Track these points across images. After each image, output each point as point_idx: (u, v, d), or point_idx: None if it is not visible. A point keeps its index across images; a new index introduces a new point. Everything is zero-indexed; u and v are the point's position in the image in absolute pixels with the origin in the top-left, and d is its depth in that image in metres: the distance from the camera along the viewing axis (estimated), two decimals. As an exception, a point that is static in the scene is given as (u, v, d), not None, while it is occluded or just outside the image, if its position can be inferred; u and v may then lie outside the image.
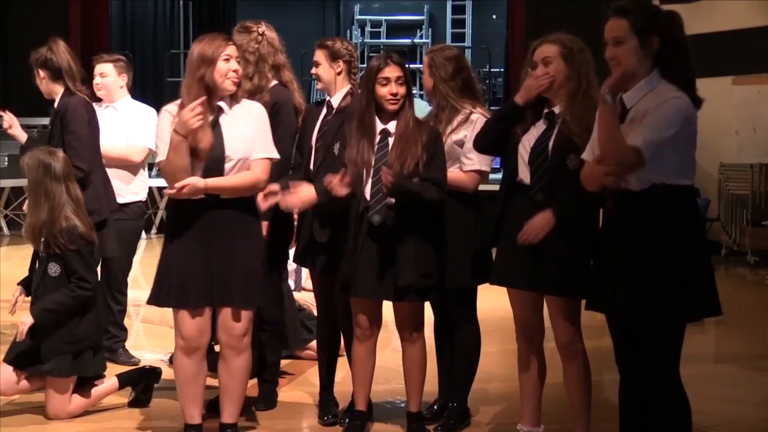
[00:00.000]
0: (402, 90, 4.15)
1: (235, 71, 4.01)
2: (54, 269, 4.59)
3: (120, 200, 5.67)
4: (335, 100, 4.57)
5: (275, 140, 4.16)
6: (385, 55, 4.22)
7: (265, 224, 4.40)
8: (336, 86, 4.58)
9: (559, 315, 3.89)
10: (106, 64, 5.86)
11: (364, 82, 4.21)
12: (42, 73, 5.21)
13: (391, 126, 4.18)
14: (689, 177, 3.39)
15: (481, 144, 4.10)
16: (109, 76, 5.83)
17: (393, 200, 4.10)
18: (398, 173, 4.06)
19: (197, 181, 3.92)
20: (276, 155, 4.11)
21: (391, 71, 4.14)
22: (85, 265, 4.58)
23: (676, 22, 3.43)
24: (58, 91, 5.20)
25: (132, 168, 5.84)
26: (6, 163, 11.97)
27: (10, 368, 4.61)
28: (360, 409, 4.37)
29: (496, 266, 4.06)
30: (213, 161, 3.97)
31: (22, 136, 5.42)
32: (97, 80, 5.83)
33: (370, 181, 4.13)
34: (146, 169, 6.02)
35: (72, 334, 4.58)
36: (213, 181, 3.95)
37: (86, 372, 4.69)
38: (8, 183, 11.48)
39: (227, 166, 3.98)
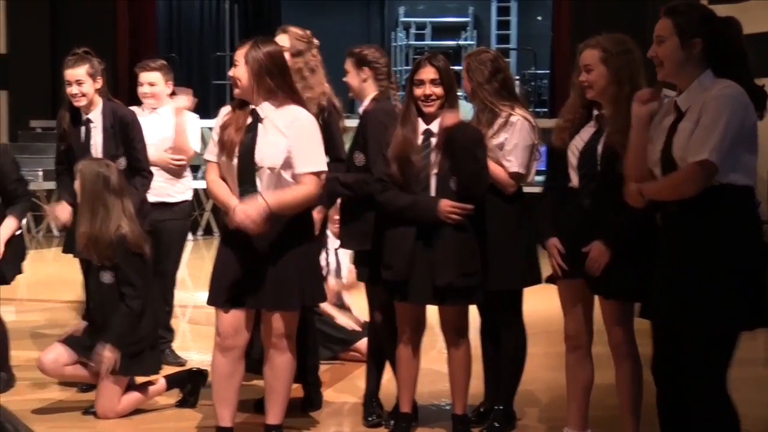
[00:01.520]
0: (437, 91, 4.13)
1: (231, 76, 4.06)
2: (107, 277, 4.66)
3: (168, 200, 5.74)
4: (362, 108, 4.58)
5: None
6: (425, 56, 4.22)
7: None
8: (364, 93, 4.58)
9: (613, 316, 3.86)
10: (153, 72, 5.82)
11: (407, 84, 4.23)
12: (101, 81, 5.21)
13: (435, 126, 4.18)
14: (746, 174, 3.29)
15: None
16: (158, 84, 5.84)
17: None
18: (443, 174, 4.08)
19: (259, 205, 3.91)
20: (323, 167, 4.09)
21: (425, 73, 4.13)
22: (135, 274, 4.64)
23: (733, 26, 3.40)
24: (98, 101, 5.22)
25: (178, 169, 5.89)
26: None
27: (61, 348, 4.68)
28: (405, 411, 4.37)
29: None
30: (244, 164, 4.00)
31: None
32: (146, 89, 5.79)
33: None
34: (190, 170, 6.06)
35: (136, 336, 4.65)
36: (274, 201, 3.94)
37: (141, 372, 4.75)
38: (50, 185, 11.63)
39: (257, 174, 4.01)
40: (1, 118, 12.66)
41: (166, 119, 5.88)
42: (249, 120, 4.05)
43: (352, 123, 5.11)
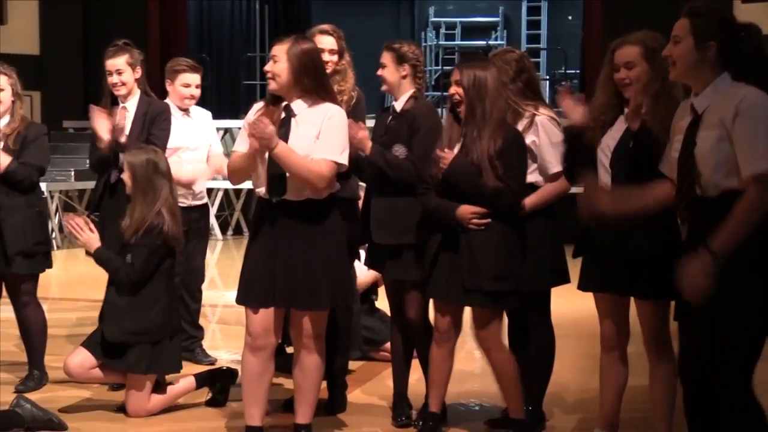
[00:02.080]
0: (461, 91, 4.15)
1: (268, 71, 4.06)
2: (130, 258, 4.70)
3: (199, 202, 5.84)
4: (399, 104, 4.56)
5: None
6: (462, 59, 4.25)
7: None
8: (401, 89, 4.57)
9: (649, 317, 3.83)
10: (195, 74, 5.85)
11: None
12: (141, 71, 5.27)
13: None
14: None
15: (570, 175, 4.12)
16: (199, 86, 5.90)
17: None
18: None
19: (273, 135, 3.93)
20: (342, 160, 4.08)
21: (453, 74, 4.18)
22: (144, 260, 4.66)
23: (752, 32, 3.37)
24: (136, 92, 5.30)
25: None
26: (87, 165, 12.24)
27: (86, 352, 4.71)
28: (434, 411, 4.36)
29: (586, 272, 4.00)
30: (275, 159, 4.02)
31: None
32: (191, 91, 5.80)
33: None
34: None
35: (138, 325, 4.66)
36: (284, 146, 3.96)
37: (163, 370, 4.77)
38: (89, 185, 11.71)
39: None
40: (34, 118, 12.75)
41: (199, 121, 5.90)
42: (282, 116, 4.07)
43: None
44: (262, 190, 4.08)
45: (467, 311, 4.29)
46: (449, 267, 4.14)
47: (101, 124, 5.09)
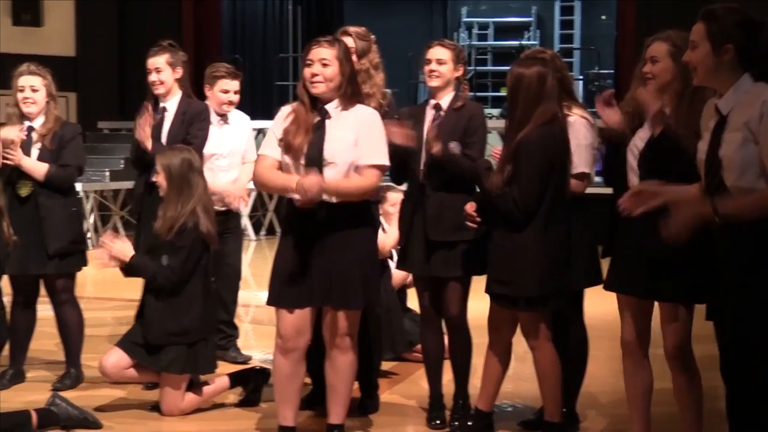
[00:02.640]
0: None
1: (315, 75, 4.05)
2: (165, 260, 4.73)
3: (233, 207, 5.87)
4: (444, 102, 4.56)
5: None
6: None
7: None
8: (447, 88, 4.57)
9: (672, 321, 3.80)
10: (234, 81, 5.85)
11: None
12: (181, 72, 5.31)
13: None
14: None
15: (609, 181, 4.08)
16: (237, 92, 5.89)
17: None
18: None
19: (318, 178, 3.92)
20: (386, 161, 4.11)
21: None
22: (182, 260, 4.68)
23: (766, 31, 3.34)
24: (176, 92, 5.34)
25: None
26: (122, 165, 12.33)
27: (121, 352, 4.74)
28: (483, 410, 4.35)
29: (611, 272, 3.98)
30: (311, 162, 4.02)
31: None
32: (230, 97, 5.82)
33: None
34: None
35: (179, 326, 4.69)
36: (332, 183, 3.96)
37: (198, 371, 4.80)
38: (124, 185, 11.80)
39: (326, 169, 4.01)
40: (70, 119, 12.86)
41: (238, 126, 5.93)
42: (316, 119, 4.07)
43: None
44: (297, 197, 4.08)
45: None
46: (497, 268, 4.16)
47: (143, 131, 5.13)
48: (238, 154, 5.87)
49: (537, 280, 4.08)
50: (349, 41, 4.67)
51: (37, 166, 5.12)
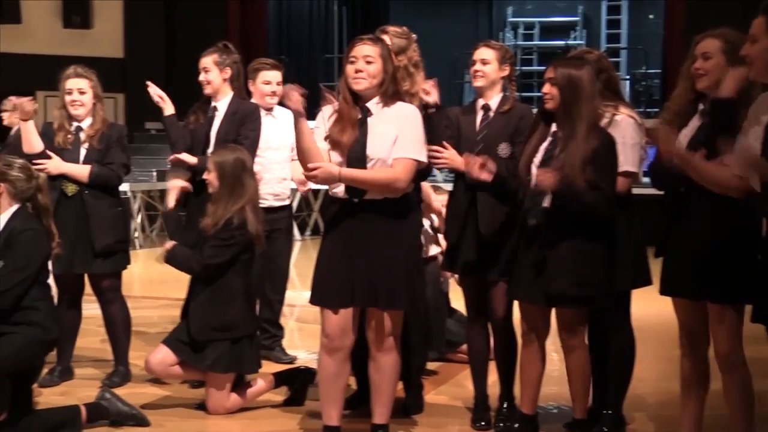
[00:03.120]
0: (553, 91, 4.11)
1: (359, 71, 4.05)
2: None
3: (284, 203, 5.93)
4: (493, 102, 4.55)
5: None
6: (557, 58, 4.21)
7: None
8: (494, 89, 4.56)
9: (722, 323, 3.75)
10: (276, 72, 5.92)
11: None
12: (230, 72, 5.35)
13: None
14: None
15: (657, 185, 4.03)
16: (280, 84, 5.96)
17: (547, 204, 4.07)
18: (562, 175, 4.03)
19: (331, 167, 3.97)
20: (422, 158, 4.09)
21: (547, 73, 4.15)
22: (214, 250, 4.71)
23: None
24: (227, 92, 5.37)
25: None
26: (169, 166, 12.43)
27: (167, 349, 4.78)
28: (526, 413, 4.33)
29: (663, 276, 3.94)
30: (354, 159, 4.02)
31: (170, 106, 5.45)
32: (272, 88, 5.88)
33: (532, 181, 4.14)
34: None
35: (221, 321, 4.72)
36: (347, 171, 3.99)
37: (243, 370, 4.82)
38: (164, 185, 11.91)
39: (369, 165, 4.02)
40: (118, 120, 13.03)
41: (283, 121, 5.96)
42: (358, 116, 4.09)
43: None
44: (339, 191, 4.09)
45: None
46: (531, 268, 4.12)
47: (175, 183, 5.19)
48: (286, 148, 5.89)
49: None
50: (385, 38, 4.68)
51: (79, 170, 5.18)
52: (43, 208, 4.44)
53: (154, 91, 5.46)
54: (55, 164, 5.13)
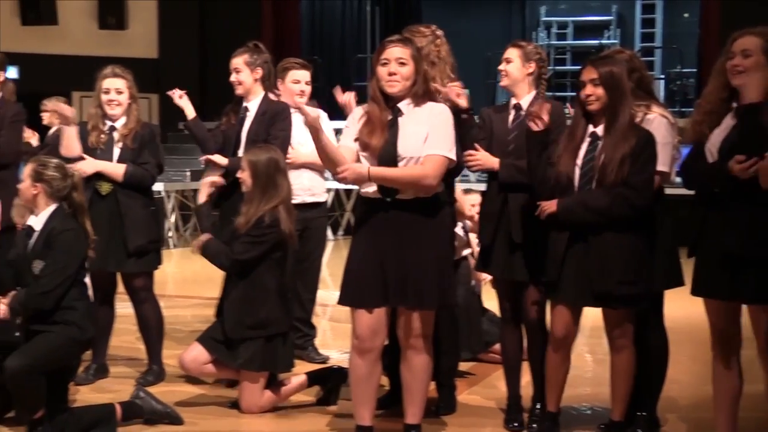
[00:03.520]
0: (598, 92, 4.09)
1: (392, 74, 4.05)
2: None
3: (318, 199, 5.94)
4: (525, 102, 4.53)
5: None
6: (590, 57, 4.18)
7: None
8: (522, 87, 4.54)
9: (758, 323, 3.72)
10: (304, 71, 5.94)
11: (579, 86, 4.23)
12: (261, 72, 5.37)
13: (601, 129, 4.14)
14: None
15: (689, 185, 3.99)
16: (310, 84, 5.97)
17: None
18: (602, 177, 4.04)
19: (360, 167, 3.98)
20: (451, 155, 4.08)
21: (587, 74, 4.12)
22: (245, 245, 4.73)
23: None
24: (258, 92, 5.39)
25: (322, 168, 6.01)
26: (203, 166, 12.50)
27: (200, 347, 4.81)
28: (551, 411, 4.33)
29: (695, 276, 3.91)
30: (386, 159, 4.02)
31: (191, 110, 5.46)
32: (301, 87, 5.90)
33: (576, 183, 4.12)
34: None
35: (255, 319, 4.74)
36: (375, 170, 3.99)
37: (275, 368, 4.84)
38: (197, 185, 11.96)
39: (400, 164, 4.01)
40: (152, 120, 13.13)
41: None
42: (389, 117, 4.09)
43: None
44: (371, 191, 4.09)
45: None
46: (577, 269, 4.11)
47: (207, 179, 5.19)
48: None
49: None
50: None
51: (114, 168, 5.21)
52: (79, 207, 4.49)
53: (177, 94, 5.46)
54: (90, 163, 5.17)
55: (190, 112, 5.47)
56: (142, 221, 5.26)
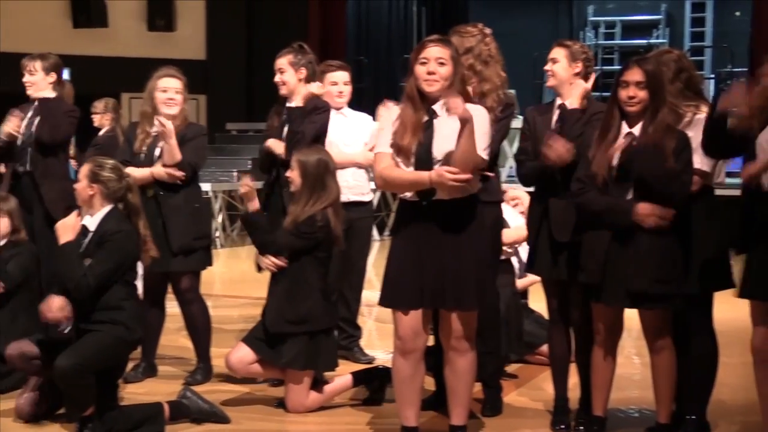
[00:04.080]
0: (641, 94, 4.06)
1: (432, 73, 4.03)
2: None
3: (362, 198, 5.95)
4: (569, 103, 4.50)
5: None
6: (634, 58, 4.15)
7: None
8: (569, 87, 4.51)
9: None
10: (343, 72, 5.97)
11: (613, 84, 4.19)
12: (305, 72, 5.38)
13: (638, 130, 4.11)
14: None
15: (706, 149, 3.93)
16: (348, 84, 6.00)
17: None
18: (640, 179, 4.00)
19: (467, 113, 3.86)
20: (484, 156, 4.04)
21: (632, 75, 4.08)
22: (288, 238, 4.74)
23: None
24: (302, 92, 5.42)
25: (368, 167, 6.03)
26: (249, 166, 12.60)
27: (246, 348, 4.83)
28: (598, 415, 4.30)
29: (747, 279, 3.86)
30: (421, 162, 4.01)
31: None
32: (340, 88, 5.92)
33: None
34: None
35: (295, 314, 4.76)
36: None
37: (319, 367, 4.86)
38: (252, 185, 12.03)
39: (435, 167, 3.98)
40: (200, 121, 13.25)
41: (353, 120, 5.99)
42: (425, 118, 4.07)
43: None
44: (408, 194, 4.08)
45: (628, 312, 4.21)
46: (615, 269, 4.08)
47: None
48: (356, 146, 5.92)
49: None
50: (454, 39, 4.66)
51: (142, 174, 5.18)
52: (134, 208, 4.54)
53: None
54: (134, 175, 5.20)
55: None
56: (185, 220, 5.29)
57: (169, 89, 5.32)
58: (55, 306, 4.31)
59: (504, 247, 5.30)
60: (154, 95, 5.32)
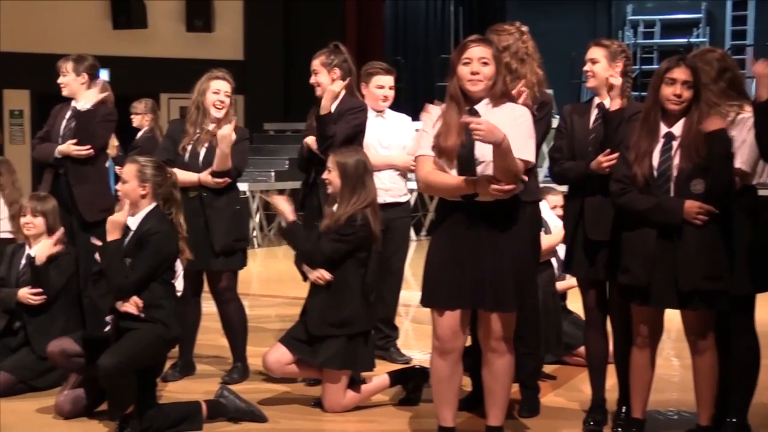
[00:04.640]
0: (687, 94, 4.04)
1: (475, 73, 4.01)
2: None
3: (398, 200, 5.93)
4: (608, 102, 4.46)
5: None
6: (678, 56, 4.11)
7: None
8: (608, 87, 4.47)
9: None
10: (389, 76, 5.95)
11: (652, 82, 4.13)
12: (338, 72, 5.37)
13: (677, 129, 4.07)
14: None
15: (762, 150, 3.88)
16: (392, 88, 5.99)
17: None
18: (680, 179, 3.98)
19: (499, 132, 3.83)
20: (531, 158, 4.04)
21: (680, 73, 4.05)
22: (331, 242, 4.75)
23: None
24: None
25: (406, 168, 6.03)
26: (287, 166, 12.64)
27: (283, 348, 4.85)
28: (636, 417, 4.26)
29: None
30: (464, 163, 3.99)
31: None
32: (385, 92, 5.91)
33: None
34: None
35: (338, 318, 4.76)
36: (507, 143, 3.85)
37: (357, 367, 4.86)
38: (288, 185, 12.09)
39: (479, 168, 3.97)
40: (238, 121, 13.33)
41: (394, 123, 5.98)
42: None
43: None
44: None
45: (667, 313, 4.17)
46: (664, 270, 4.05)
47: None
48: (396, 148, 5.92)
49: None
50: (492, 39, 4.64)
51: (188, 177, 5.23)
52: (177, 204, 4.61)
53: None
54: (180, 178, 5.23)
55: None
56: (228, 221, 5.32)
57: (221, 91, 5.36)
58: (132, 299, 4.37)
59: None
60: (206, 96, 5.35)
